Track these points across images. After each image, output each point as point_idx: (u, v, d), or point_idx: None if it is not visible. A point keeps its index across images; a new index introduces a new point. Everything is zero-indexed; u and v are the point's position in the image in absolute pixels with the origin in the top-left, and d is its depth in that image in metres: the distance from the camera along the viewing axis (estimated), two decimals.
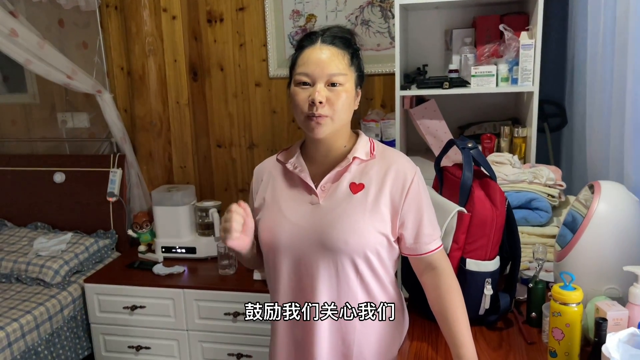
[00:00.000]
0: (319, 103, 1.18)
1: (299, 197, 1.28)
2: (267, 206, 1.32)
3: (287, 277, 1.27)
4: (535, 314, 1.39)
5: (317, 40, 1.22)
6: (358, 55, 1.28)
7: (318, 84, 1.19)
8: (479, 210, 1.38)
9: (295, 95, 1.22)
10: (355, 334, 1.27)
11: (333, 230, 1.21)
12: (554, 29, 2.22)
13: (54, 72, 2.66)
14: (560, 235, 1.48)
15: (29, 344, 2.30)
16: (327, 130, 1.22)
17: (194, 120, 2.96)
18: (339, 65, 1.20)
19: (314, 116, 1.20)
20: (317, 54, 1.20)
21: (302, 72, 1.21)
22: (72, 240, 2.81)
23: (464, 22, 2.39)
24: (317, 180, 1.28)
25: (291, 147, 1.37)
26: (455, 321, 1.24)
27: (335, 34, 1.24)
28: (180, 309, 2.50)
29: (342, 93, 1.20)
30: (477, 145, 1.47)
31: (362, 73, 1.29)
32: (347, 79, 1.22)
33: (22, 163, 3.10)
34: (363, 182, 1.25)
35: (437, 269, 1.28)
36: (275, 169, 1.36)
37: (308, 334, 1.27)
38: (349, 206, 1.23)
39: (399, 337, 1.37)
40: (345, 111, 1.23)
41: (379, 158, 1.28)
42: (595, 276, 1.33)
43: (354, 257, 1.22)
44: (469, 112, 2.48)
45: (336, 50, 1.21)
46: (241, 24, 2.79)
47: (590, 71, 1.82)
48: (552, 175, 1.77)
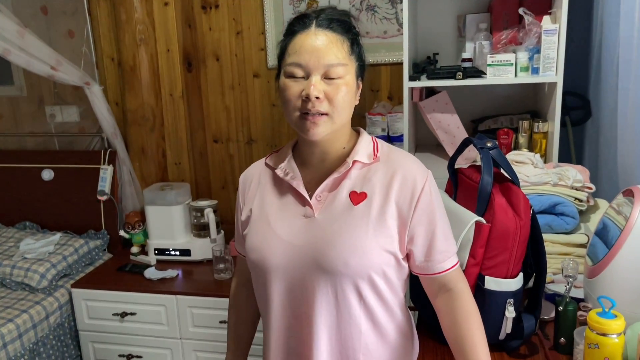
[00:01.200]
0: (316, 99, 0.99)
1: (291, 209, 1.10)
2: (254, 220, 1.14)
3: (280, 303, 1.10)
4: (565, 339, 1.21)
5: (312, 24, 1.02)
6: (358, 41, 1.08)
7: (313, 77, 1.00)
8: (500, 220, 1.19)
9: (285, 89, 1.03)
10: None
11: (331, 250, 1.03)
12: (577, 11, 2.02)
13: (37, 62, 2.49)
14: (592, 246, 1.30)
15: (11, 354, 2.16)
16: (325, 130, 1.03)
17: (189, 114, 2.79)
18: (337, 54, 1.01)
19: (309, 114, 1.01)
20: (312, 41, 1.01)
21: (294, 63, 1.01)
22: (60, 242, 2.66)
23: (479, 6, 2.20)
24: (312, 189, 1.09)
25: (282, 149, 1.18)
26: (473, 352, 1.06)
27: (332, 16, 1.04)
28: (173, 317, 2.35)
29: (342, 86, 1.01)
30: (497, 145, 1.28)
31: (364, 62, 1.09)
32: (347, 70, 1.02)
33: (10, 159, 2.95)
34: (365, 190, 1.07)
35: (453, 291, 1.10)
36: (264, 175, 1.18)
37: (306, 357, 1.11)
38: (349, 220, 1.05)
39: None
40: (345, 108, 1.04)
41: (383, 161, 1.09)
42: (635, 297, 1.15)
43: (357, 280, 1.04)
44: (483, 104, 2.30)
45: (334, 35, 1.02)
46: (237, 10, 2.60)
47: (623, 59, 1.63)
48: (580, 176, 1.59)
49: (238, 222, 1.23)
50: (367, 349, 1.10)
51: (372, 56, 2.48)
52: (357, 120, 2.46)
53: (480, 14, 2.13)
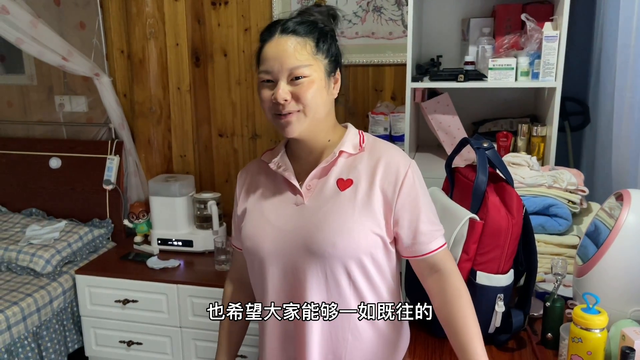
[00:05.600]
0: (284, 101, 1.07)
1: (284, 199, 1.16)
2: (250, 211, 1.21)
3: (274, 288, 1.15)
4: (552, 335, 1.26)
5: (276, 32, 1.09)
6: (327, 37, 1.13)
7: (280, 81, 1.07)
8: (493, 218, 1.24)
9: (260, 93, 1.11)
10: (347, 348, 1.16)
11: (319, 232, 1.09)
12: (579, 18, 2.06)
13: (48, 53, 2.54)
14: (582, 247, 1.35)
15: (15, 337, 2.21)
16: (300, 126, 1.10)
17: (195, 108, 2.84)
18: (299, 57, 1.07)
19: (281, 114, 1.08)
20: (274, 48, 1.08)
21: (263, 70, 1.09)
22: (66, 229, 2.71)
23: (483, 10, 2.24)
24: (302, 179, 1.16)
25: (276, 146, 1.26)
26: (465, 329, 1.09)
27: (297, 19, 1.11)
28: (174, 305, 2.39)
29: (309, 84, 1.07)
30: (493, 145, 1.33)
31: (336, 56, 1.15)
32: (313, 69, 1.08)
33: (18, 147, 3.00)
34: (351, 177, 1.13)
35: (442, 271, 1.14)
36: (260, 171, 1.25)
37: (298, 349, 1.16)
38: (336, 204, 1.11)
39: (397, 354, 1.24)
40: (318, 103, 1.10)
41: (368, 150, 1.16)
42: (621, 296, 1.19)
43: (346, 261, 1.09)
44: (484, 107, 2.33)
45: (296, 39, 1.08)
46: (247, 7, 2.65)
47: (620, 65, 1.67)
48: (574, 179, 1.63)
49: (235, 216, 1.29)
50: (357, 330, 1.15)
51: (377, 57, 2.52)
52: (359, 119, 2.52)
53: (484, 18, 2.16)
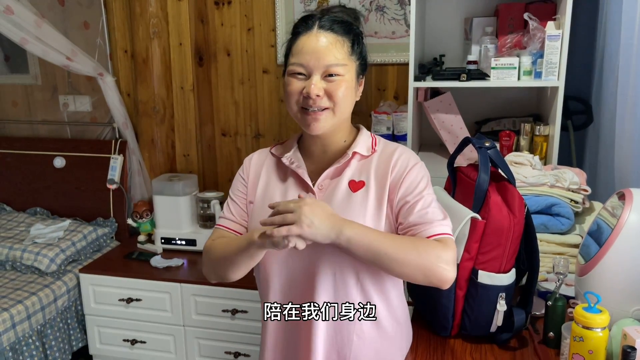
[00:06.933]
0: (316, 96, 1.06)
1: (294, 196, 1.16)
2: (258, 204, 1.20)
3: (280, 287, 1.15)
4: (554, 334, 1.26)
5: (314, 26, 1.09)
6: (360, 40, 1.14)
7: (314, 76, 1.07)
8: (495, 217, 1.24)
9: (288, 84, 1.10)
10: (352, 348, 1.16)
11: None
12: (582, 18, 2.05)
13: (52, 52, 2.55)
14: (584, 245, 1.34)
15: (19, 335, 2.23)
16: (327, 125, 1.10)
17: (199, 107, 2.85)
18: (337, 55, 1.08)
19: (310, 110, 1.08)
20: (313, 42, 1.08)
21: (297, 62, 1.09)
22: (70, 228, 2.72)
23: (486, 9, 2.24)
24: (314, 178, 1.16)
25: (287, 140, 1.25)
26: None
27: (335, 17, 1.11)
28: (177, 304, 2.40)
29: (342, 83, 1.08)
30: (495, 145, 1.33)
31: (365, 61, 1.16)
32: (347, 70, 1.09)
33: (23, 146, 3.02)
34: (363, 179, 1.14)
35: None
36: (269, 164, 1.24)
37: (303, 349, 1.16)
38: (349, 206, 1.11)
39: (400, 352, 1.24)
40: (346, 103, 1.11)
41: (380, 153, 1.17)
42: (622, 295, 1.19)
43: (355, 263, 1.10)
44: (487, 106, 2.34)
45: (334, 37, 1.09)
46: (249, 7, 2.66)
47: (623, 65, 1.67)
48: (576, 178, 1.62)
49: (235, 199, 1.25)
50: (361, 330, 1.15)
51: (380, 56, 2.52)
52: (363, 119, 2.53)
53: (486, 17, 2.16)
